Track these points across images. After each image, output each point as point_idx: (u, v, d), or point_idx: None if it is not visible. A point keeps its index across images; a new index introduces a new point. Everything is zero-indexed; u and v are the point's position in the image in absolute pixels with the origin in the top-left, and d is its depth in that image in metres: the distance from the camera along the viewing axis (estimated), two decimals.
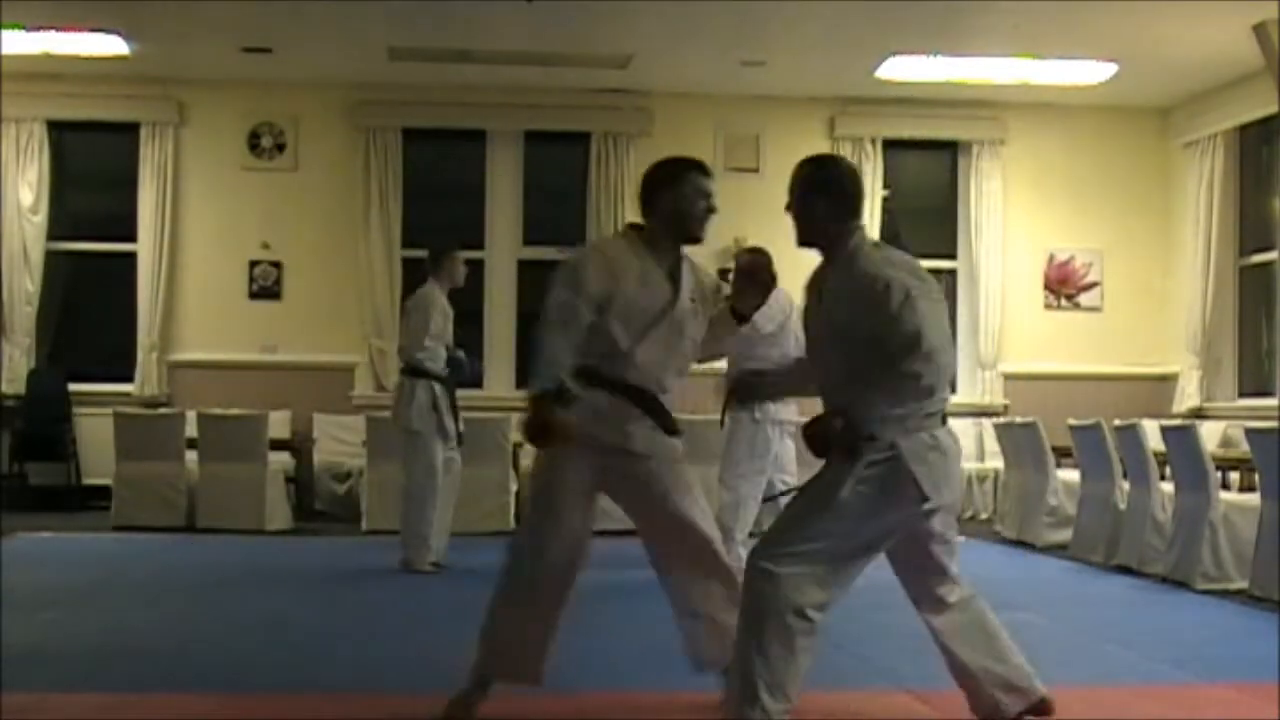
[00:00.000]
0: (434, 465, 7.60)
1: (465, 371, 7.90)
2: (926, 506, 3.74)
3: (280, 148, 11.63)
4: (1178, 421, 8.68)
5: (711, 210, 4.26)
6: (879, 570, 4.21)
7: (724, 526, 7.78)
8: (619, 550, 8.42)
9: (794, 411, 8.25)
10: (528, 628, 4.11)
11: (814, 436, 3.73)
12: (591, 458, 4.07)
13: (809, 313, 3.99)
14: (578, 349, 4.00)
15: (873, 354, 3.69)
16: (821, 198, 3.89)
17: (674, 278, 4.21)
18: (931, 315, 3.69)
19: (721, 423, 8.04)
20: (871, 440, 3.67)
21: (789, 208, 3.98)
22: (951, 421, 10.35)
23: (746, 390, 4.86)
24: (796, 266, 4.45)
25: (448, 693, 4.38)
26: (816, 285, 3.95)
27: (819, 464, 3.82)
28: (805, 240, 3.95)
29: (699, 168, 4.29)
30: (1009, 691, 3.99)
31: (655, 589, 4.45)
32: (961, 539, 10.55)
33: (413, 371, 7.62)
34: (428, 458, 7.59)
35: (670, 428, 4.17)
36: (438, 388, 7.62)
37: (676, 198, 4.21)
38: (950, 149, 12.30)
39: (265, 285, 11.56)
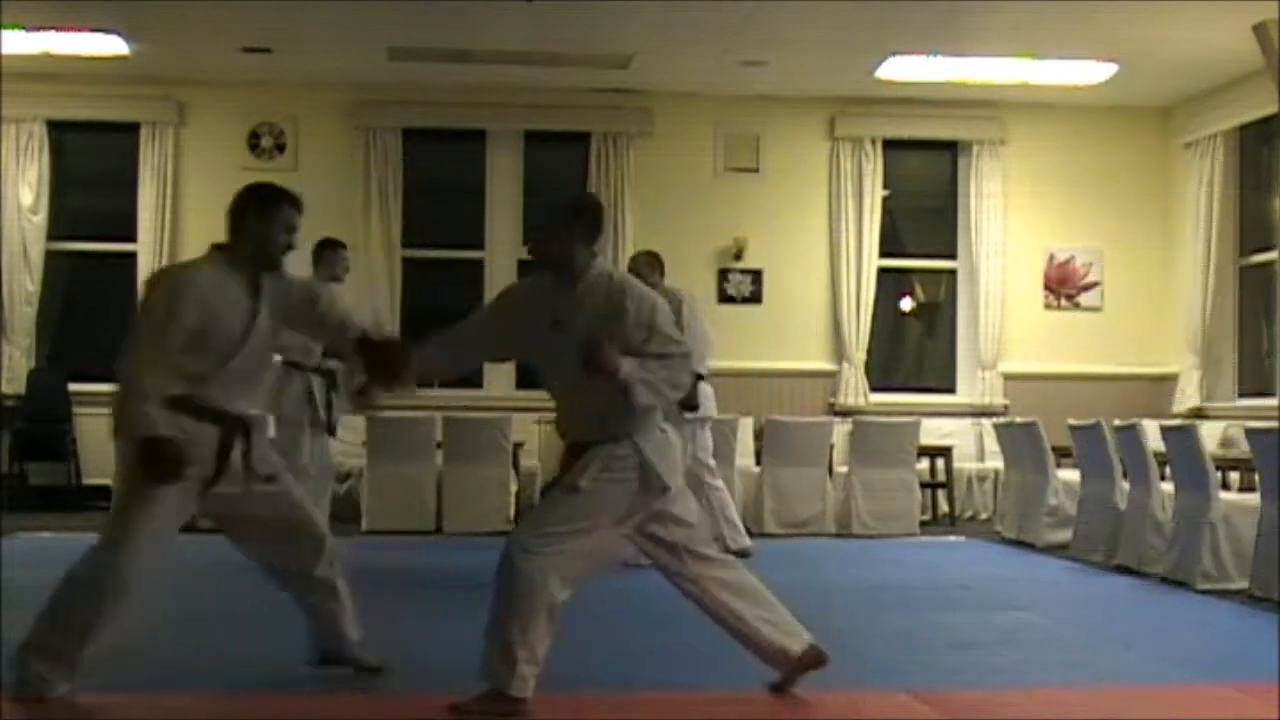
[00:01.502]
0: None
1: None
2: (665, 493, 4.18)
3: (280, 148, 11.63)
4: (1178, 421, 8.67)
5: (291, 246, 4.43)
6: (878, 571, 4.22)
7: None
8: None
9: (714, 408, 8.29)
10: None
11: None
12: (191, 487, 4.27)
13: (541, 334, 4.26)
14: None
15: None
16: (574, 222, 4.28)
17: (255, 295, 4.35)
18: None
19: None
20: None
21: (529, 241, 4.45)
22: (951, 421, 10.43)
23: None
24: (807, 267, 4.50)
25: (446, 692, 4.38)
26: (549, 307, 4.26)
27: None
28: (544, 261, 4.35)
29: (290, 200, 4.45)
30: (788, 635, 4.34)
31: (655, 589, 4.46)
32: (961, 539, 10.56)
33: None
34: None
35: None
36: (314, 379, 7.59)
37: (263, 228, 4.39)
38: (950, 149, 12.30)
39: None
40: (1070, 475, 9.04)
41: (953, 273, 12.33)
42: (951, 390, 12.15)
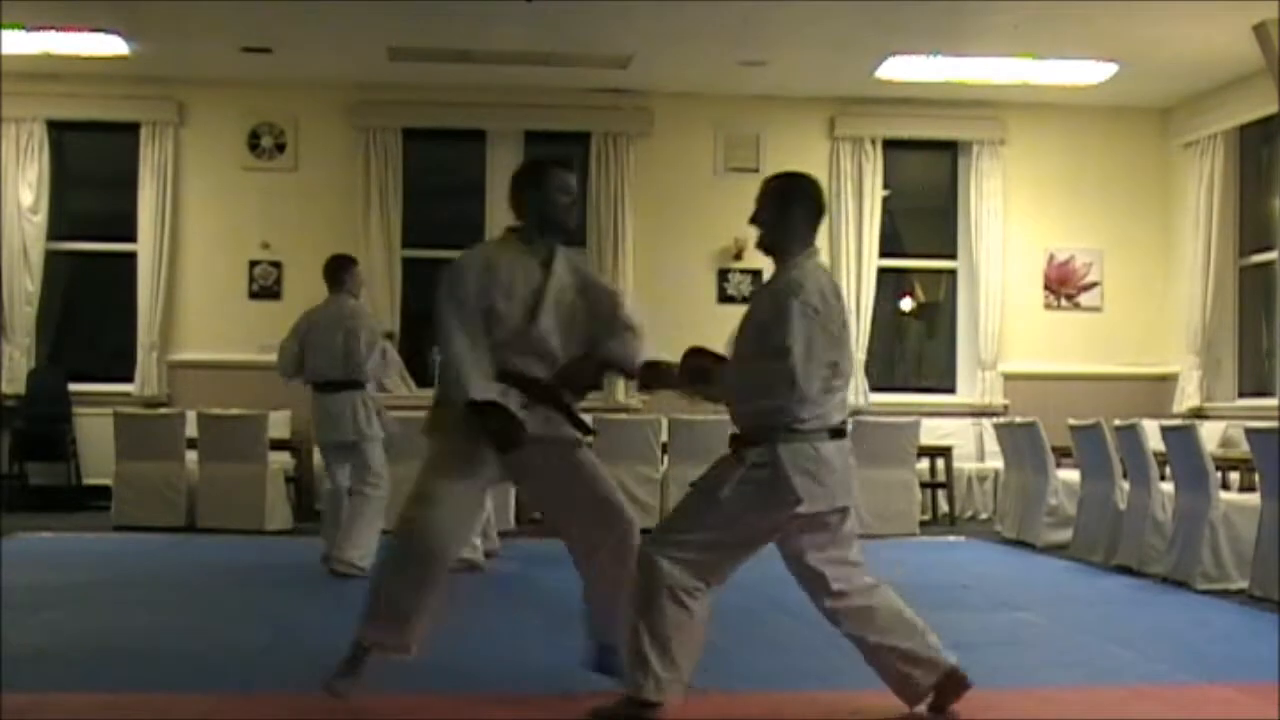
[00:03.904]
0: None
1: None
2: (799, 510, 3.98)
3: (280, 148, 11.63)
4: (1178, 421, 8.68)
5: (573, 204, 4.48)
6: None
7: None
8: None
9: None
10: (412, 599, 4.25)
11: None
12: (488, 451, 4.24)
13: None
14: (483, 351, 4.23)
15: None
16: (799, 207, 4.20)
17: (547, 265, 4.40)
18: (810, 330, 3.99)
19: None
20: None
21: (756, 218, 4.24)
22: (951, 421, 10.44)
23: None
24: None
25: (446, 692, 4.39)
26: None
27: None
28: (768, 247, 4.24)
29: (561, 164, 4.51)
30: (915, 664, 4.18)
31: None
32: (961, 539, 10.54)
33: (361, 384, 7.59)
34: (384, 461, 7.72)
35: (569, 414, 4.35)
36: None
37: (542, 197, 4.41)
38: (950, 149, 12.30)
39: (265, 285, 11.56)
40: (1070, 475, 9.03)
41: (953, 273, 12.33)
42: (951, 390, 12.15)
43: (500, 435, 4.18)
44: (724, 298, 11.74)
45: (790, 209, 4.20)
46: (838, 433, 4.11)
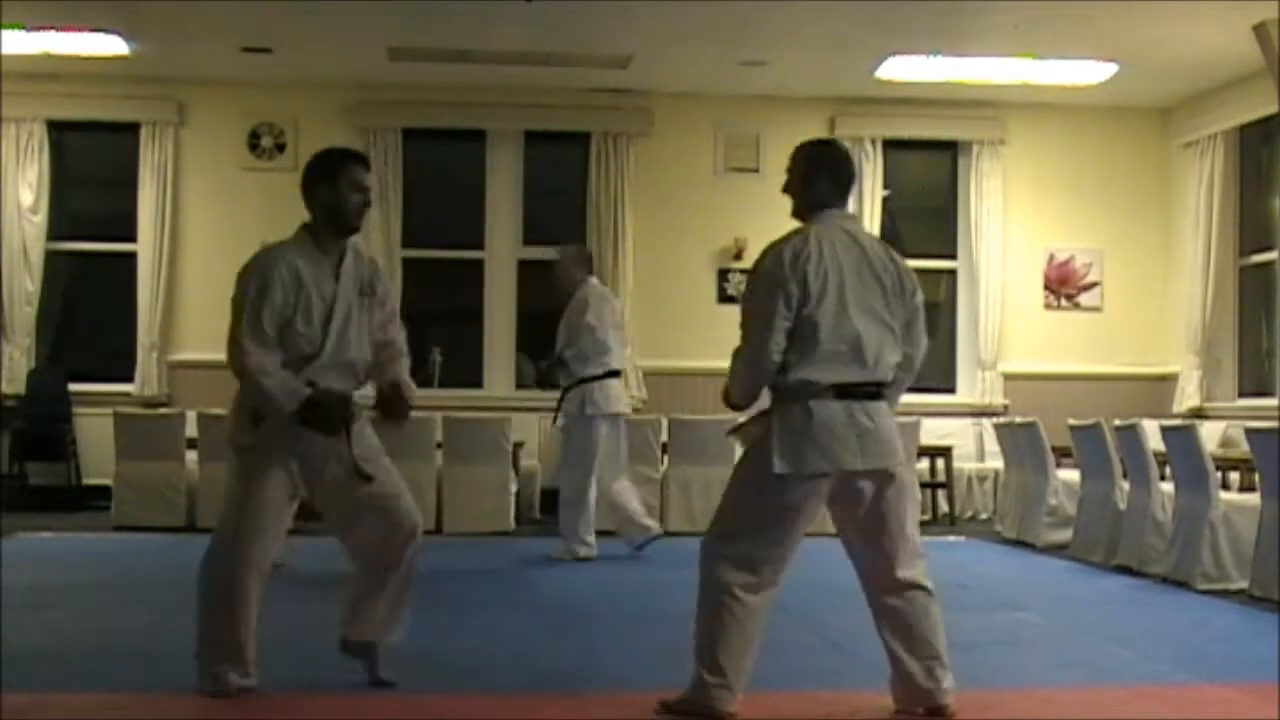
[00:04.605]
0: None
1: None
2: (780, 472, 3.96)
3: (280, 148, 11.62)
4: (1178, 421, 8.67)
5: (366, 204, 4.41)
6: None
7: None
8: (620, 550, 8.42)
9: (626, 405, 8.42)
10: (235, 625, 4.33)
11: None
12: (292, 465, 4.35)
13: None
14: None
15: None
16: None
17: (337, 269, 4.37)
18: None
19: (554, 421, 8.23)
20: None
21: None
22: (951, 422, 10.47)
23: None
24: None
25: (447, 692, 4.38)
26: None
27: None
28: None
29: (355, 160, 4.42)
30: (907, 685, 4.20)
31: (656, 589, 4.46)
32: (961, 539, 10.53)
33: None
34: None
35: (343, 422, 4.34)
36: None
37: (334, 193, 4.35)
38: (950, 149, 12.30)
39: None
40: (1070, 475, 9.03)
41: (953, 273, 12.33)
42: (951, 390, 12.15)
43: (325, 422, 4.24)
44: (724, 298, 11.74)
45: (809, 175, 4.20)
46: (843, 392, 4.01)
